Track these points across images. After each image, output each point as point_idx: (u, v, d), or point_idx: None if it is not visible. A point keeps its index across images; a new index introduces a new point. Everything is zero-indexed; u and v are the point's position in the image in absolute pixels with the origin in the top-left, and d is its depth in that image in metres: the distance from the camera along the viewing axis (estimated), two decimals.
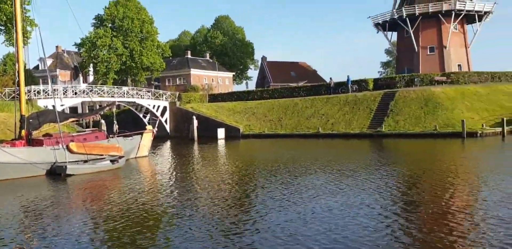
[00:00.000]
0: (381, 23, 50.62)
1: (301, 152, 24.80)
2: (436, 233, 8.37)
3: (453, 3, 45.65)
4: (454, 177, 14.61)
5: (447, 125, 30.51)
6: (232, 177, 16.31)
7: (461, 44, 48.55)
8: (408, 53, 49.03)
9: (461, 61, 48.09)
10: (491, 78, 41.42)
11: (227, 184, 14.61)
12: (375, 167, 17.10)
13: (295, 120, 37.55)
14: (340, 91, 40.32)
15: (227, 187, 14.05)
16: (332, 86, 41.43)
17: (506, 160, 18.52)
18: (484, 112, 32.82)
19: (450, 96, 34.09)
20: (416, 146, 26.48)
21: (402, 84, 39.52)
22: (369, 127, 33.09)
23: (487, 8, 47.17)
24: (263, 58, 68.95)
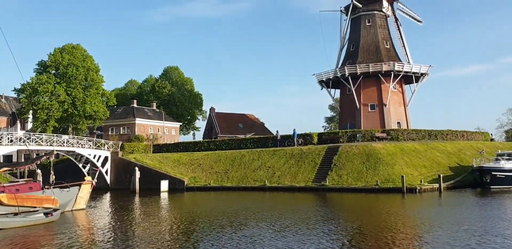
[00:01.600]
0: (325, 80, 53.11)
1: (245, 206, 24.30)
2: None
3: (392, 64, 49.00)
4: (395, 232, 14.76)
5: (388, 180, 31.35)
6: (171, 232, 15.51)
7: (400, 103, 51.54)
8: (351, 109, 51.27)
9: (400, 118, 50.77)
10: (428, 136, 43.70)
11: (166, 241, 13.81)
12: (319, 223, 16.98)
13: (242, 172, 37.23)
14: (286, 144, 40.92)
15: (166, 244, 13.26)
16: (278, 139, 42.01)
17: (442, 217, 19.01)
18: (422, 168, 34.18)
19: (390, 152, 35.40)
20: (359, 200, 26.80)
21: (345, 139, 40.78)
22: (313, 181, 33.33)
23: (423, 70, 50.97)
24: (211, 109, 69.37)
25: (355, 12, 53.48)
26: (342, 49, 55.07)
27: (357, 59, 51.71)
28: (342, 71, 50.64)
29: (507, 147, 44.62)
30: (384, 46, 52.39)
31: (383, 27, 53.30)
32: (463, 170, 35.07)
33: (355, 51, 52.95)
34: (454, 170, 35.22)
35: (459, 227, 15.61)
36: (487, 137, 51.93)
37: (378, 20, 53.03)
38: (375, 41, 52.31)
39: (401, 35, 53.41)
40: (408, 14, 54.04)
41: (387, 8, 53.31)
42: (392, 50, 53.16)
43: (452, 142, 42.51)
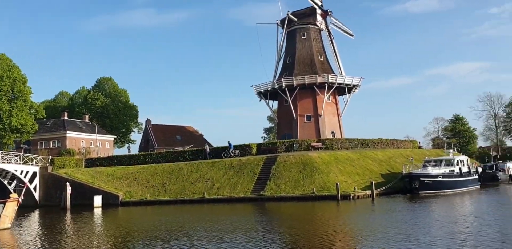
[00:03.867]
0: (263, 92, 53.87)
1: (184, 219, 23.82)
2: None
3: (326, 77, 50.69)
4: (331, 238, 15.11)
5: (323, 188, 32.13)
6: None
7: (334, 113, 53.32)
8: (288, 120, 52.30)
9: (335, 128, 52.47)
10: (361, 145, 45.48)
11: None
12: (257, 232, 16.97)
13: (180, 185, 36.50)
14: (223, 156, 40.83)
15: None
16: (207, 152, 41.90)
17: (375, 222, 19.73)
18: (356, 176, 35.43)
19: (325, 160, 36.37)
20: (296, 209, 27.21)
21: (282, 149, 41.41)
22: (252, 191, 33.40)
23: (355, 82, 53.19)
24: (147, 121, 67.71)
25: (290, 26, 54.97)
26: (279, 61, 56.27)
27: (293, 71, 53.00)
28: (279, 83, 51.64)
29: (434, 154, 47.44)
30: (319, 59, 54.17)
31: (317, 41, 55.17)
32: (394, 177, 36.79)
33: (291, 63, 54.29)
34: (385, 177, 36.84)
35: (391, 231, 16.26)
36: (415, 145, 55.01)
37: (313, 33, 54.84)
38: (310, 53, 53.97)
39: (334, 48, 55.54)
40: (340, 28, 56.38)
41: (321, 22, 55.32)
42: (326, 62, 55.08)
43: (383, 150, 44.54)
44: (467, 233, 15.08)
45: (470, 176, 38.29)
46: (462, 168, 37.24)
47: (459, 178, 36.34)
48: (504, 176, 44.77)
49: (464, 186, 36.55)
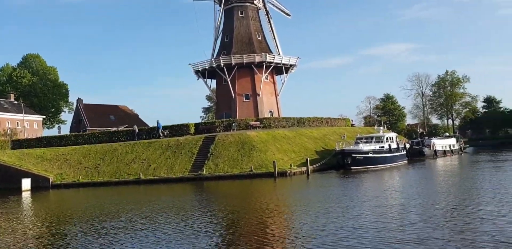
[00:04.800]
0: (201, 71, 53.05)
1: (118, 200, 23.24)
2: None
3: (264, 56, 50.74)
4: (267, 213, 15.47)
5: (261, 166, 32.62)
6: (37, 235, 14.08)
7: (272, 93, 53.79)
8: (227, 99, 52.09)
9: (272, 107, 53.07)
10: (297, 123, 46.44)
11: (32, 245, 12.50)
12: (195, 210, 16.93)
13: (114, 166, 35.44)
14: (151, 136, 40.09)
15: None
16: (136, 132, 41.03)
17: (309, 196, 20.40)
18: (292, 154, 36.26)
19: (263, 139, 36.82)
20: (234, 187, 27.47)
21: (221, 129, 41.32)
22: (191, 171, 33.20)
23: (292, 62, 53.73)
24: (79, 101, 64.55)
25: (228, 3, 54.08)
26: (217, 39, 55.55)
27: (231, 49, 52.51)
28: (217, 61, 51.03)
29: (365, 132, 49.58)
30: (257, 38, 54.00)
31: (255, 19, 54.84)
32: (328, 154, 38.09)
33: (229, 42, 53.70)
34: (320, 154, 38.05)
35: (325, 204, 16.91)
36: (348, 123, 57.14)
37: (250, 12, 54.39)
38: (248, 32, 53.61)
39: (272, 27, 55.55)
40: (277, 7, 56.34)
41: (259, 0, 54.92)
42: (264, 41, 55.05)
43: (318, 128, 45.84)
44: (391, 205, 15.97)
45: (398, 152, 40.45)
46: (391, 145, 39.20)
47: (388, 154, 38.28)
48: (429, 152, 47.76)
49: (393, 161, 38.58)
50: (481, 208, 13.91)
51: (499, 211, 13.21)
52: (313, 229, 12.14)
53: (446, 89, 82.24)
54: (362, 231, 11.41)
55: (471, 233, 10.58)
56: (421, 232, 10.87)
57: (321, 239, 10.78)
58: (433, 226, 11.53)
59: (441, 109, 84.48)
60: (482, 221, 11.85)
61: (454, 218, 12.61)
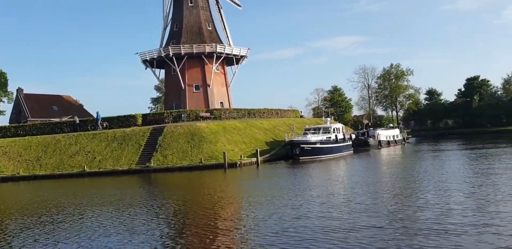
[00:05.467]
0: (149, 60, 51.75)
1: (59, 194, 22.35)
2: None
3: (214, 46, 50.22)
4: (218, 204, 15.47)
5: (211, 157, 32.48)
6: None
7: (223, 84, 53.47)
8: (176, 90, 51.22)
9: (223, 98, 52.80)
10: (248, 114, 46.56)
11: None
12: (142, 203, 16.60)
13: (57, 158, 34.05)
14: (90, 128, 38.90)
15: None
16: (77, 123, 39.74)
17: (258, 187, 20.58)
18: (242, 145, 36.36)
19: (214, 130, 36.63)
20: (183, 178, 27.21)
21: (170, 120, 40.67)
22: (138, 163, 32.50)
23: (243, 53, 53.54)
24: (18, 90, 61.10)
25: None
26: (166, 28, 54.26)
27: (181, 39, 51.55)
28: (166, 51, 49.94)
29: (313, 123, 50.57)
30: (207, 28, 53.32)
31: (205, 9, 54.04)
32: (277, 144, 38.54)
33: (178, 31, 52.66)
34: (270, 145, 38.44)
35: (274, 193, 17.15)
36: (298, 114, 58.04)
37: (200, 1, 53.47)
38: (197, 22, 52.78)
39: (222, 17, 55.00)
40: None
41: None
42: (214, 32, 54.45)
43: (268, 120, 46.23)
44: (335, 194, 16.44)
45: (344, 142, 41.62)
46: (338, 135, 40.24)
47: (335, 144, 39.29)
48: (374, 142, 49.48)
49: (339, 151, 39.66)
50: (419, 197, 14.56)
51: (435, 199, 13.88)
52: (257, 220, 12.25)
53: (390, 81, 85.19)
54: (304, 221, 11.58)
55: (410, 221, 11.02)
56: (361, 221, 11.20)
57: (265, 230, 10.89)
58: (373, 215, 11.91)
59: (386, 101, 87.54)
60: (420, 209, 12.37)
61: (394, 207, 13.12)
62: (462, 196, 13.84)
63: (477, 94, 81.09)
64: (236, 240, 10.34)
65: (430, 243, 8.69)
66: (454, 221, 10.44)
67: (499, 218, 10.42)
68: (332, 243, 9.23)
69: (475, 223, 10.05)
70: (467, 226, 9.87)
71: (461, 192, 14.67)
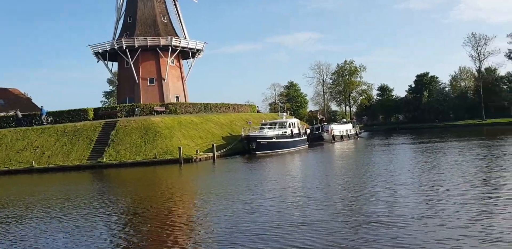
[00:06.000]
0: (102, 52, 50.14)
1: (4, 191, 21.32)
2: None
3: (169, 39, 49.31)
4: (174, 200, 15.29)
5: (166, 152, 32.02)
6: None
7: (178, 77, 52.67)
8: (129, 83, 49.95)
9: (179, 93, 52.05)
10: (204, 109, 46.23)
11: None
12: (92, 199, 16.11)
13: (3, 154, 32.46)
14: (33, 123, 37.40)
15: None
16: (20, 118, 38.14)
17: (213, 182, 20.51)
18: (199, 139, 36.07)
19: (169, 125, 36.10)
20: (137, 174, 26.66)
21: (123, 114, 39.68)
22: (89, 159, 31.54)
23: (199, 46, 52.91)
24: None
25: None
26: (119, 20, 52.74)
27: (135, 31, 50.24)
28: (119, 43, 48.54)
29: (270, 118, 50.91)
30: (162, 20, 52.25)
31: (160, 1, 52.88)
32: (234, 139, 38.55)
33: (132, 23, 51.29)
34: (226, 140, 38.37)
35: (229, 188, 17.15)
36: (254, 109, 58.24)
37: None
38: (152, 14, 51.62)
39: (178, 10, 54.02)
40: None
41: None
42: (169, 25, 53.46)
43: (225, 114, 46.10)
44: (288, 189, 16.58)
45: (300, 137, 42.23)
46: (293, 130, 40.76)
47: (290, 139, 39.79)
48: (328, 136, 50.51)
49: (295, 146, 40.21)
50: (369, 190, 14.98)
51: (384, 192, 14.34)
52: (211, 215, 12.22)
53: (344, 77, 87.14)
54: (257, 215, 11.63)
55: (359, 214, 11.30)
56: (312, 214, 11.37)
57: (218, 225, 10.87)
58: (325, 208, 12.12)
59: (340, 96, 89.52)
60: (370, 203, 12.74)
61: (345, 200, 13.43)
62: (409, 189, 14.34)
63: (426, 90, 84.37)
64: (189, 237, 10.27)
65: (379, 236, 8.94)
66: (401, 213, 10.78)
67: (442, 211, 10.87)
68: (283, 237, 9.32)
69: (421, 216, 10.42)
70: (413, 218, 10.21)
71: (408, 185, 15.21)
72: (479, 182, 14.90)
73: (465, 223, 9.44)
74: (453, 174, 17.15)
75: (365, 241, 8.65)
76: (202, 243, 9.51)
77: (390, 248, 8.12)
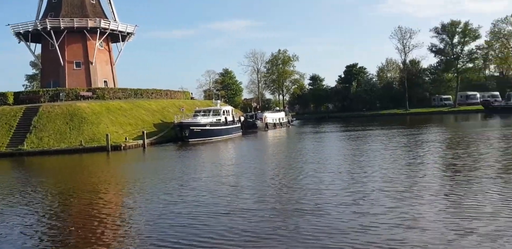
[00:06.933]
0: (23, 33, 46.67)
1: None
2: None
3: (98, 21, 46.91)
4: (101, 190, 14.73)
5: (93, 139, 30.75)
6: None
7: (107, 61, 50.43)
8: (54, 66, 47.04)
9: (107, 77, 49.90)
10: (134, 95, 44.78)
11: None
12: (14, 190, 15.08)
13: None
14: None
15: None
16: None
17: (142, 171, 19.97)
18: (128, 126, 34.96)
19: (96, 111, 34.61)
20: (61, 162, 25.45)
21: (46, 99, 37.45)
22: (8, 146, 29.55)
23: (129, 30, 50.85)
24: None
25: None
26: None
27: (60, 12, 47.19)
28: (43, 23, 45.38)
29: (204, 105, 50.45)
30: (90, 1, 49.48)
31: None
32: (166, 126, 37.81)
33: (58, 3, 48.08)
34: (158, 127, 37.55)
35: (158, 177, 16.81)
36: (188, 95, 57.43)
37: None
38: None
39: None
40: None
41: None
42: (98, 6, 50.82)
43: (156, 101, 45.00)
44: (221, 177, 16.61)
45: (234, 125, 42.33)
46: (227, 117, 40.74)
47: (224, 126, 39.75)
48: (261, 124, 51.13)
49: (228, 133, 40.23)
50: (298, 178, 15.31)
51: (312, 179, 14.74)
52: (137, 207, 11.93)
53: (278, 66, 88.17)
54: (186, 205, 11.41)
55: (289, 202, 11.48)
56: (242, 203, 11.39)
57: (145, 216, 10.62)
58: (255, 197, 12.14)
59: (274, 85, 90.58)
60: (300, 191, 12.93)
61: (275, 188, 13.58)
62: (334, 177, 14.75)
63: (355, 80, 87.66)
64: (112, 228, 9.87)
65: (300, 224, 9.08)
66: (324, 201, 11.03)
67: (363, 198, 11.33)
68: (212, 227, 9.25)
69: (343, 203, 10.73)
70: (335, 205, 10.50)
71: (334, 173, 15.71)
72: (398, 169, 15.72)
73: (383, 210, 9.85)
74: (376, 162, 18.00)
75: (287, 229, 8.73)
76: (126, 235, 9.23)
77: (310, 236, 8.22)
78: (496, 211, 9.15)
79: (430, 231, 8.13)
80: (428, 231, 8.14)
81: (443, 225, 8.46)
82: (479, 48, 76.49)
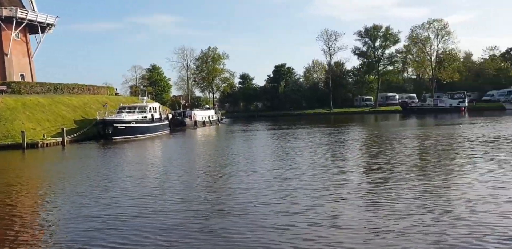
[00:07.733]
0: None
1: None
2: None
3: (14, 10, 43.69)
4: (10, 191, 13.62)
5: (7, 136, 28.74)
6: None
7: (24, 53, 47.18)
8: None
9: (24, 70, 46.70)
10: (54, 90, 42.27)
11: None
12: None
13: None
14: None
15: None
16: None
17: (61, 171, 18.87)
18: (46, 123, 33.01)
19: (11, 106, 32.30)
20: None
21: None
22: None
23: (49, 21, 47.91)
24: None
25: None
26: None
27: None
28: None
29: (130, 101, 48.92)
30: None
31: None
32: (88, 123, 36.19)
33: None
34: (79, 124, 35.85)
35: (81, 176, 16.05)
36: (112, 91, 55.30)
37: None
38: None
39: None
40: None
41: None
42: None
43: (78, 96, 42.91)
44: (146, 177, 16.13)
45: (161, 122, 41.49)
46: (154, 115, 39.83)
47: (151, 123, 38.82)
48: (190, 122, 50.60)
49: (155, 131, 39.36)
50: (229, 177, 15.32)
51: (237, 179, 14.85)
52: (55, 207, 11.39)
53: (208, 64, 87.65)
54: (93, 209, 10.86)
55: (217, 202, 11.42)
56: (169, 204, 11.17)
57: (51, 220, 10.15)
58: (183, 197, 11.90)
59: (204, 82, 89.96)
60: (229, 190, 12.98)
61: (204, 188, 13.49)
62: (259, 176, 14.93)
63: (283, 80, 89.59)
64: (33, 231, 9.26)
65: (223, 224, 9.08)
66: (252, 201, 11.11)
67: (285, 197, 11.64)
68: (137, 229, 8.97)
69: (266, 202, 10.91)
70: (261, 205, 10.65)
71: (259, 172, 15.87)
72: (319, 168, 16.26)
73: (302, 209, 10.10)
74: (297, 160, 18.49)
75: (210, 230, 8.69)
76: (34, 240, 8.70)
77: (229, 237, 8.21)
78: (407, 209, 9.71)
79: (346, 229, 8.44)
80: (345, 229, 8.44)
81: (358, 223, 8.83)
82: (399, 52, 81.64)
